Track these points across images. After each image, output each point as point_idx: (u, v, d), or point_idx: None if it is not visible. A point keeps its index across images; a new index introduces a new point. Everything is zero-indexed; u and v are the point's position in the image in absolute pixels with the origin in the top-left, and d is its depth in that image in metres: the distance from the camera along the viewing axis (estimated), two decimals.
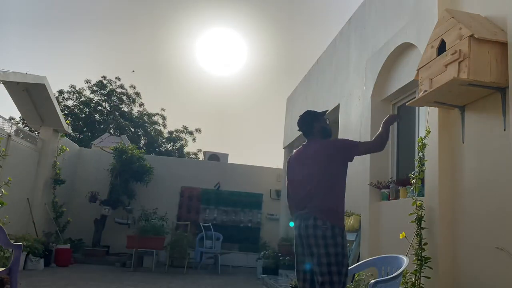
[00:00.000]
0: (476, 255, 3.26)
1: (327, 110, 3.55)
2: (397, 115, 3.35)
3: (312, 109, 3.47)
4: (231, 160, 12.78)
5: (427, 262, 3.60)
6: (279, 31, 37.26)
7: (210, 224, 9.89)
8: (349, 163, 3.13)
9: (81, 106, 19.21)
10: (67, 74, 30.02)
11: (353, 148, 3.09)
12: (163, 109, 21.42)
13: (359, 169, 5.42)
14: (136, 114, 20.21)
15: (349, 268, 4.10)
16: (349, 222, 5.43)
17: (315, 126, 3.23)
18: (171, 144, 20.30)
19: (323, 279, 2.80)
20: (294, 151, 3.36)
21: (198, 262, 9.40)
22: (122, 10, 31.08)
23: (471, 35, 3.03)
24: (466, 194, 3.45)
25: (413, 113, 4.86)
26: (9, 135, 7.33)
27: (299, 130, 3.33)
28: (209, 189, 11.39)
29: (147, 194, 10.75)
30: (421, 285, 3.60)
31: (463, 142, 3.55)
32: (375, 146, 3.16)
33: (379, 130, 3.18)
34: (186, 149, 20.58)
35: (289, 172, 3.30)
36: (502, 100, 3.11)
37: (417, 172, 4.05)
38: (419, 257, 3.65)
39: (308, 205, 2.96)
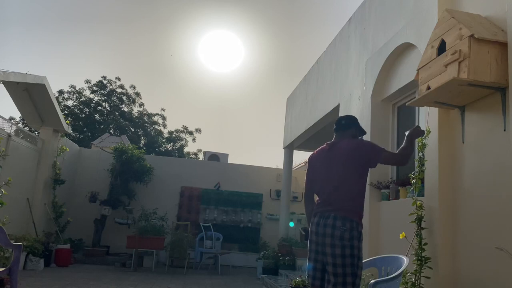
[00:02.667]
0: (476, 255, 3.26)
1: (365, 133, 3.50)
2: (422, 130, 3.26)
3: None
4: (231, 160, 12.80)
5: (427, 262, 3.60)
6: (279, 32, 37.27)
7: (210, 224, 9.89)
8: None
9: (81, 106, 19.22)
10: (67, 74, 30.04)
11: (378, 155, 3.01)
12: (163, 109, 21.47)
13: None
14: (136, 114, 20.22)
15: None
16: None
17: (352, 129, 3.22)
18: (171, 144, 20.30)
19: (336, 280, 2.77)
20: (317, 149, 3.31)
21: (198, 262, 9.40)
22: (122, 10, 31.08)
23: (471, 35, 3.03)
24: (466, 194, 3.45)
25: (413, 113, 4.86)
26: (9, 135, 7.33)
27: (336, 122, 3.28)
28: (209, 189, 11.39)
29: (147, 194, 10.75)
30: (421, 285, 3.60)
31: (463, 142, 3.55)
32: (395, 159, 3.07)
33: (403, 144, 3.08)
34: (186, 149, 20.60)
35: (312, 170, 3.29)
36: (502, 100, 3.11)
37: (417, 172, 4.05)
38: (419, 257, 3.64)
39: (330, 204, 2.94)
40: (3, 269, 4.17)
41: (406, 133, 3.15)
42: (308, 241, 3.08)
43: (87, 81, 19.52)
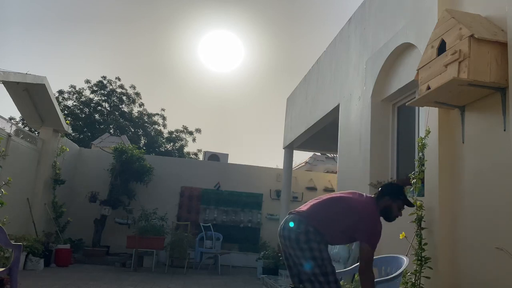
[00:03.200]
0: (476, 255, 3.26)
1: (414, 206, 3.44)
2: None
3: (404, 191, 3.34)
4: (231, 160, 12.80)
5: (427, 262, 3.60)
6: (279, 32, 37.26)
7: (210, 224, 9.89)
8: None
9: (81, 106, 19.22)
10: (67, 74, 30.05)
11: (364, 241, 2.99)
12: (163, 109, 21.47)
13: (359, 169, 5.43)
14: (136, 114, 20.23)
15: (350, 268, 4.11)
16: None
17: (386, 200, 3.14)
18: (171, 144, 20.31)
19: (309, 283, 2.90)
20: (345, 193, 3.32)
21: (198, 262, 9.40)
22: (122, 10, 31.08)
23: (471, 35, 3.03)
24: (466, 194, 3.45)
25: (413, 113, 4.86)
26: (9, 135, 7.33)
27: (380, 188, 3.26)
28: (209, 189, 11.39)
29: (147, 194, 10.75)
30: (421, 285, 3.60)
31: (463, 142, 3.55)
32: (361, 272, 3.04)
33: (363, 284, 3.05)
34: (186, 149, 20.61)
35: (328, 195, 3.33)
36: (502, 100, 3.11)
37: (417, 172, 4.05)
38: (419, 257, 3.64)
39: (299, 216, 3.03)
40: (3, 269, 4.17)
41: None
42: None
43: (87, 81, 19.54)
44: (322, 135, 8.85)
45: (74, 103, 19.28)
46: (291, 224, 2.98)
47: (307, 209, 3.07)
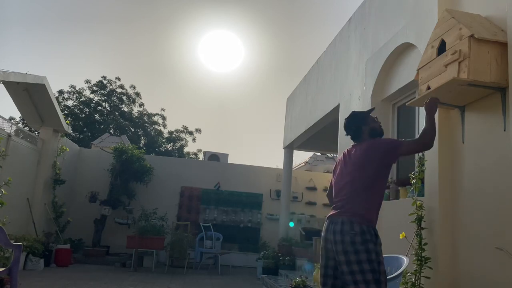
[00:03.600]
0: (476, 255, 3.26)
1: (374, 108, 3.24)
2: (435, 98, 3.06)
3: (359, 111, 3.17)
4: (231, 160, 12.80)
5: (427, 262, 3.60)
6: (279, 32, 37.28)
7: (210, 224, 9.89)
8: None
9: (81, 106, 19.21)
10: (67, 74, 30.05)
11: (396, 151, 2.82)
12: (163, 109, 21.47)
13: None
14: (136, 114, 20.22)
15: None
16: None
17: (363, 130, 3.00)
18: (171, 144, 20.30)
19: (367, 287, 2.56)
20: (344, 151, 3.14)
21: (198, 262, 9.40)
22: (122, 10, 31.08)
23: (471, 35, 3.03)
24: (466, 194, 3.45)
25: (413, 113, 4.86)
26: (9, 135, 7.33)
27: (346, 134, 3.11)
28: (209, 189, 11.39)
29: (147, 194, 10.75)
30: (421, 285, 3.60)
31: (463, 142, 3.55)
32: (420, 145, 2.84)
33: (424, 125, 2.89)
34: (186, 149, 20.60)
35: (333, 173, 3.14)
36: (502, 100, 3.11)
37: (417, 172, 4.05)
38: (419, 257, 3.64)
39: (340, 208, 2.81)
40: (3, 269, 4.17)
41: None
42: (321, 248, 2.91)
43: (87, 81, 19.53)
44: (322, 135, 8.85)
45: (74, 103, 19.28)
46: (343, 226, 2.70)
47: (347, 202, 2.79)
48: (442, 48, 3.38)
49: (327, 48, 7.95)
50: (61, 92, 19.02)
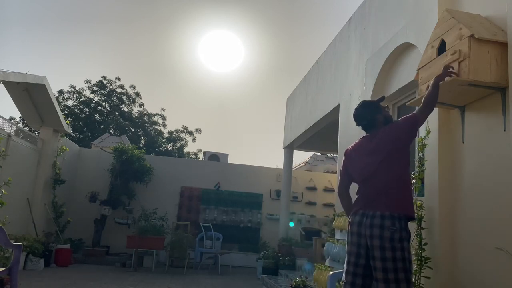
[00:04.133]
0: (476, 255, 3.26)
1: (384, 97, 3.17)
2: (448, 66, 3.04)
3: (369, 100, 3.09)
4: (231, 160, 12.81)
5: (427, 262, 3.59)
6: (279, 32, 37.28)
7: (210, 224, 9.89)
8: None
9: (81, 106, 19.21)
10: (67, 74, 30.05)
11: (416, 125, 2.83)
12: (163, 109, 21.47)
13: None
14: (136, 114, 20.22)
15: None
16: None
17: (378, 119, 2.92)
18: (171, 144, 20.30)
19: (387, 286, 2.53)
20: (352, 145, 3.06)
21: (198, 262, 9.40)
22: (122, 10, 31.09)
23: (471, 35, 3.03)
24: (466, 194, 3.45)
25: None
26: (9, 135, 7.33)
27: (358, 125, 3.02)
28: (209, 189, 11.39)
29: (147, 194, 10.75)
30: (421, 285, 3.60)
31: (463, 142, 3.55)
32: (430, 109, 2.89)
33: (429, 89, 2.93)
34: (186, 149, 20.60)
35: (349, 167, 2.97)
36: (502, 100, 3.11)
37: (417, 172, 4.05)
38: (419, 257, 3.64)
39: (375, 202, 2.69)
40: (3, 269, 4.17)
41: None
42: (348, 244, 2.79)
43: (87, 81, 19.53)
44: (322, 135, 8.84)
45: (74, 103, 19.27)
46: (383, 220, 2.60)
47: (382, 195, 2.68)
48: (442, 48, 3.38)
49: (327, 48, 7.95)
50: (61, 92, 19.02)
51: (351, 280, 2.70)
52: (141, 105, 20.49)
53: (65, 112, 18.14)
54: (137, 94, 20.28)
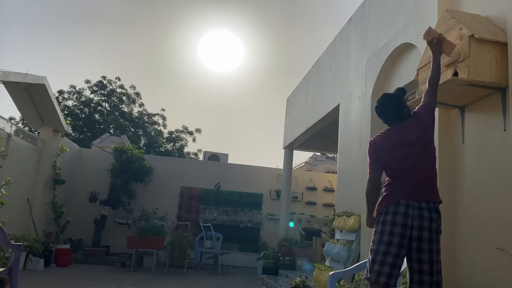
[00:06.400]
0: (476, 255, 3.26)
1: (404, 89, 3.12)
2: (430, 31, 3.07)
3: (391, 93, 3.06)
4: (231, 160, 12.80)
5: None
6: (279, 32, 37.29)
7: (210, 224, 9.89)
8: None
9: (81, 106, 19.21)
10: (67, 74, 30.04)
11: (434, 109, 2.93)
12: (163, 109, 21.47)
13: (359, 169, 5.42)
14: (136, 114, 20.21)
15: (350, 268, 4.11)
16: (349, 222, 5.43)
17: (405, 112, 2.92)
18: (171, 144, 20.30)
19: (437, 278, 2.60)
20: (377, 137, 3.03)
21: (198, 262, 9.40)
22: (122, 10, 31.10)
23: (471, 35, 3.03)
24: (466, 194, 3.45)
25: None
26: (9, 135, 7.33)
27: (384, 118, 3.02)
28: (209, 189, 11.39)
29: (147, 194, 10.75)
30: None
31: (463, 142, 3.55)
32: (436, 88, 2.98)
33: (431, 71, 2.98)
34: (186, 149, 20.60)
35: (382, 159, 2.89)
36: (502, 100, 3.11)
37: None
38: None
39: (419, 192, 2.70)
40: (3, 269, 4.17)
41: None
42: (385, 234, 2.68)
43: (87, 81, 19.51)
44: (322, 135, 8.85)
45: (74, 103, 19.27)
46: (431, 213, 2.65)
47: (425, 185, 2.72)
48: None
49: (327, 48, 7.95)
50: (61, 92, 19.02)
51: (388, 272, 2.63)
52: (141, 105, 20.50)
53: (65, 112, 18.14)
54: (137, 94, 20.28)
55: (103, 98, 19.70)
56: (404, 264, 2.79)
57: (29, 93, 8.18)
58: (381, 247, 2.67)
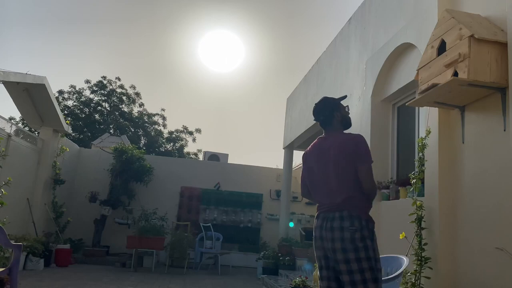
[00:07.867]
0: (476, 255, 3.26)
1: (345, 96, 3.13)
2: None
3: (331, 97, 3.03)
4: (231, 160, 12.80)
5: (427, 262, 3.60)
6: (279, 32, 37.29)
7: (210, 224, 9.89)
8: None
9: (81, 106, 19.21)
10: (67, 74, 30.03)
11: (362, 164, 2.67)
12: (163, 109, 21.48)
13: None
14: (136, 114, 20.22)
15: None
16: None
17: (335, 116, 2.87)
18: (171, 144, 20.31)
19: (366, 286, 2.45)
20: (310, 145, 2.98)
21: (198, 262, 9.40)
22: (122, 10, 31.10)
23: (471, 35, 3.04)
24: (466, 194, 3.45)
25: (413, 113, 4.86)
26: (9, 135, 7.32)
27: (315, 120, 2.97)
28: (209, 189, 11.39)
29: (147, 194, 10.75)
30: (421, 285, 3.60)
31: (463, 142, 3.55)
32: (368, 184, 2.67)
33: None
34: (186, 149, 20.61)
35: (306, 169, 2.91)
36: (502, 100, 3.11)
37: (417, 172, 4.05)
38: (419, 257, 3.64)
39: (332, 204, 2.64)
40: (3, 269, 4.17)
41: None
42: (314, 249, 2.74)
43: (87, 81, 19.52)
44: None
45: (74, 103, 19.27)
46: (344, 222, 2.54)
47: (340, 195, 2.63)
48: (442, 48, 3.38)
49: (327, 48, 7.95)
50: (61, 92, 19.02)
51: (327, 285, 2.65)
52: (141, 105, 20.51)
53: (65, 112, 18.15)
54: (137, 94, 20.29)
55: (103, 98, 19.70)
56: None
57: (29, 93, 8.17)
58: (317, 262, 2.76)
